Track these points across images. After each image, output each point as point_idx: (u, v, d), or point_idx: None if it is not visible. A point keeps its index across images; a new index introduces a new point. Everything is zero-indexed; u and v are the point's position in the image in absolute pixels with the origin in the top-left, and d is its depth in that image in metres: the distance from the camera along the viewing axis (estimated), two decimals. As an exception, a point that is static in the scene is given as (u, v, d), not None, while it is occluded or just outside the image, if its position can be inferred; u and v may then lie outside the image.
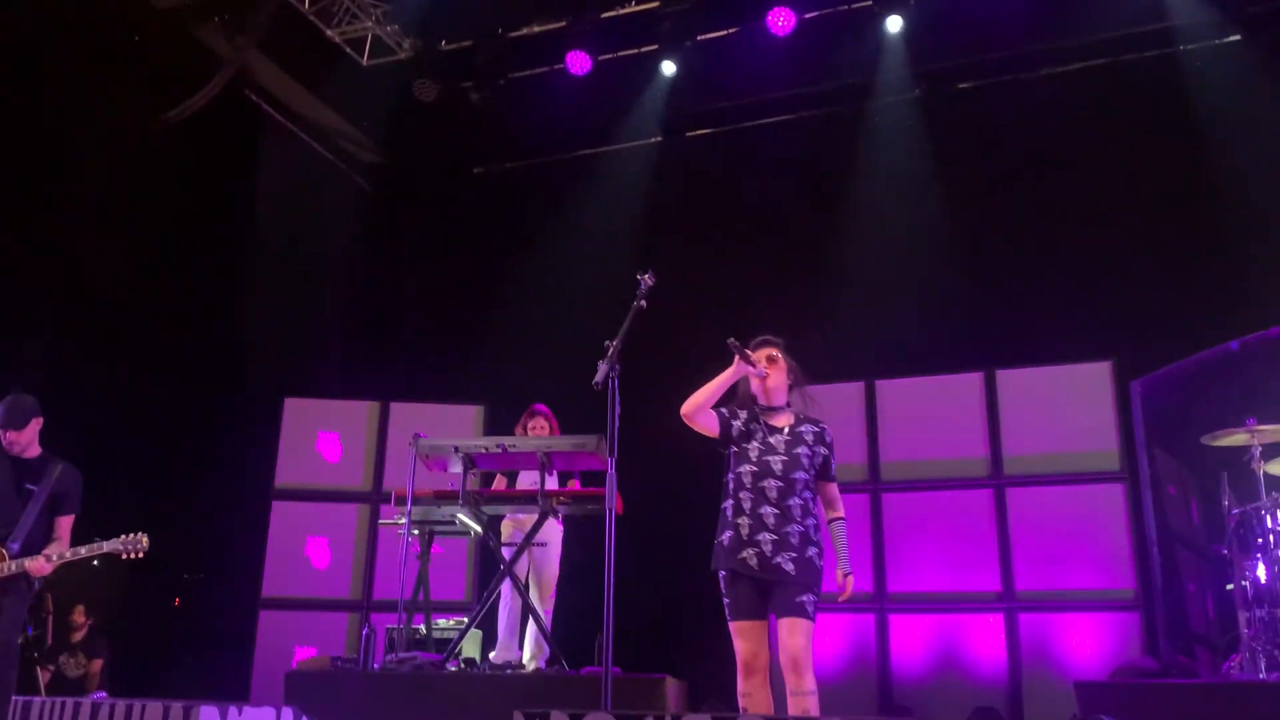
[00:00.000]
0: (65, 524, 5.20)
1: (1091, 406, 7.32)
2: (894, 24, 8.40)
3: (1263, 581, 5.63)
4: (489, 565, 7.96)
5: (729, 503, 4.28)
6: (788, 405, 4.45)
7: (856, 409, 7.89)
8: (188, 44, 8.63)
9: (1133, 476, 7.11)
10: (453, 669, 5.94)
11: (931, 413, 7.74)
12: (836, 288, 8.53)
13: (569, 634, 6.53)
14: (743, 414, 4.40)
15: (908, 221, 8.48)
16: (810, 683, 4.01)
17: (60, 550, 5.07)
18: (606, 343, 4.01)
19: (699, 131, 9.67)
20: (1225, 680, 5.51)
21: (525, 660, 6.37)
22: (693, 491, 6.45)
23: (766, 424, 4.35)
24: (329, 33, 9.24)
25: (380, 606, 7.99)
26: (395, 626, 6.30)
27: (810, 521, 4.23)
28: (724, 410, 4.36)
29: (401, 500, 6.10)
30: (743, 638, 4.15)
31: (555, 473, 6.34)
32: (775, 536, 4.12)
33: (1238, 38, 7.99)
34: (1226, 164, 7.55)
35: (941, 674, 7.33)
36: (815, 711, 4.00)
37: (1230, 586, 5.97)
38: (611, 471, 3.64)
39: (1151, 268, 7.82)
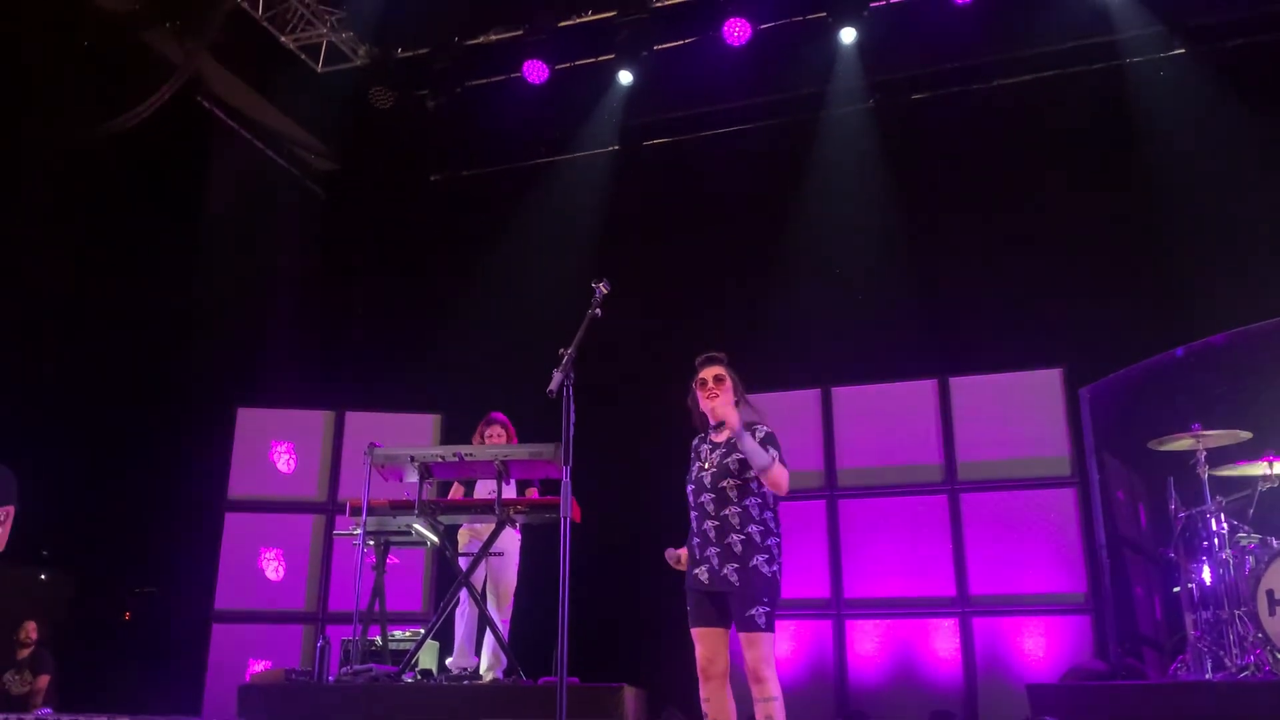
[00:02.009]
0: None
1: (1042, 413, 7.43)
2: (848, 35, 8.52)
3: (1207, 584, 5.74)
4: (445, 575, 7.91)
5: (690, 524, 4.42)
6: None
7: (813, 416, 7.95)
8: (138, 49, 8.51)
9: (1083, 481, 7.23)
10: (409, 680, 5.90)
11: (887, 419, 7.81)
12: (792, 296, 8.59)
13: (527, 644, 6.51)
14: (696, 440, 4.53)
15: (862, 231, 8.56)
16: (771, 689, 4.10)
17: None
18: (561, 351, 4.00)
19: (655, 141, 9.70)
20: (1172, 681, 5.62)
21: (482, 671, 6.34)
22: (650, 499, 6.49)
23: (710, 441, 4.45)
24: (283, 39, 9.17)
25: (335, 618, 7.91)
26: (350, 638, 6.23)
27: (755, 529, 4.23)
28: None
29: (357, 511, 6.04)
30: (699, 643, 4.28)
31: (514, 481, 6.32)
32: (718, 549, 4.21)
33: (1181, 51, 8.17)
34: (1171, 175, 7.72)
35: (898, 679, 7.39)
36: (778, 714, 4.08)
37: (1177, 589, 6.09)
38: (566, 480, 3.63)
39: (1100, 277, 7.97)
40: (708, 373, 4.50)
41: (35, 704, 7.90)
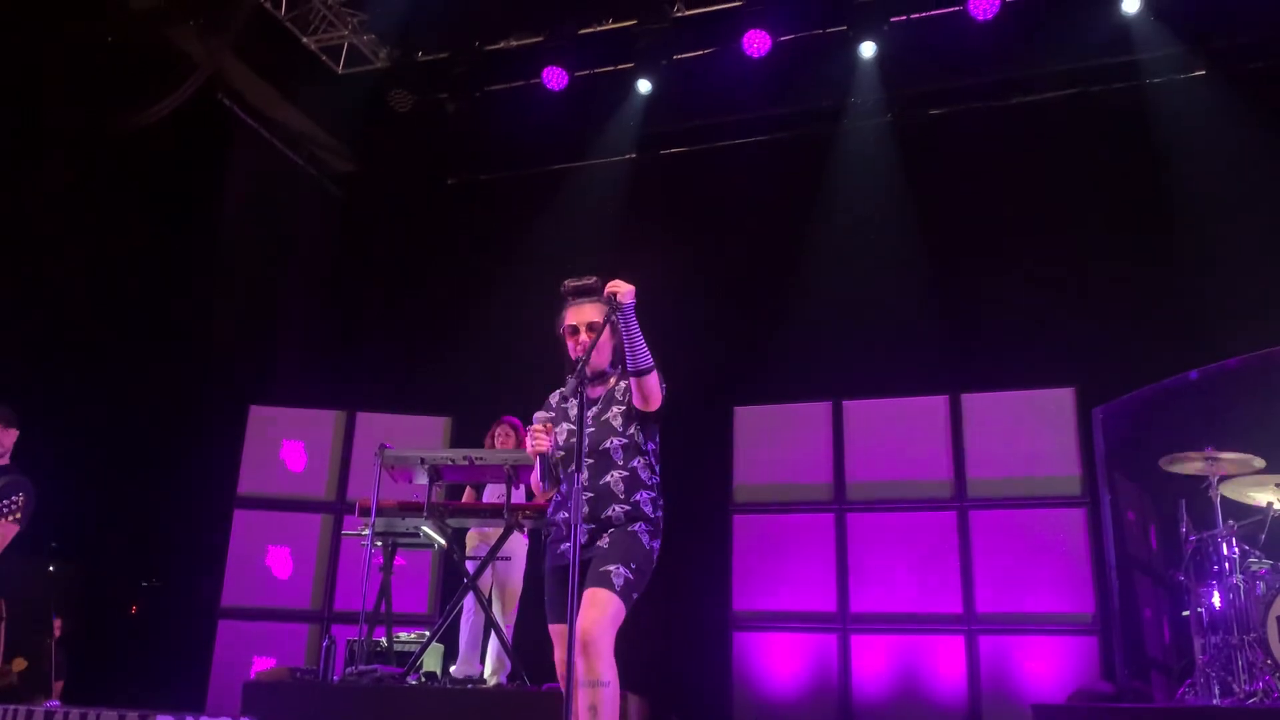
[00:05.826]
0: None
1: (1054, 432, 7.40)
2: (867, 49, 8.51)
3: (1217, 608, 5.71)
4: (452, 578, 7.92)
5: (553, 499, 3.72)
6: (613, 367, 3.82)
7: (823, 429, 7.93)
8: (162, 46, 8.57)
9: (1093, 502, 7.19)
10: (413, 682, 5.91)
11: (897, 434, 7.78)
12: (806, 308, 8.59)
13: (531, 649, 6.50)
14: (555, 398, 3.89)
15: (877, 245, 8.56)
16: (602, 669, 3.33)
17: None
18: (576, 356, 4.00)
19: (673, 150, 9.71)
20: (1179, 705, 5.59)
21: (487, 675, 6.35)
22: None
23: (586, 397, 3.69)
24: (305, 40, 9.22)
25: (341, 618, 7.92)
26: (356, 639, 6.25)
27: (642, 495, 3.63)
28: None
29: (365, 511, 6.07)
30: (560, 643, 3.47)
31: (523, 486, 6.33)
32: (593, 525, 3.61)
33: (1202, 73, 8.15)
34: (1188, 196, 7.71)
35: (902, 695, 7.36)
36: (607, 706, 3.36)
37: (1186, 613, 6.06)
38: (578, 486, 3.62)
39: (1115, 297, 7.96)
40: (578, 318, 3.69)
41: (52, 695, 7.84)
